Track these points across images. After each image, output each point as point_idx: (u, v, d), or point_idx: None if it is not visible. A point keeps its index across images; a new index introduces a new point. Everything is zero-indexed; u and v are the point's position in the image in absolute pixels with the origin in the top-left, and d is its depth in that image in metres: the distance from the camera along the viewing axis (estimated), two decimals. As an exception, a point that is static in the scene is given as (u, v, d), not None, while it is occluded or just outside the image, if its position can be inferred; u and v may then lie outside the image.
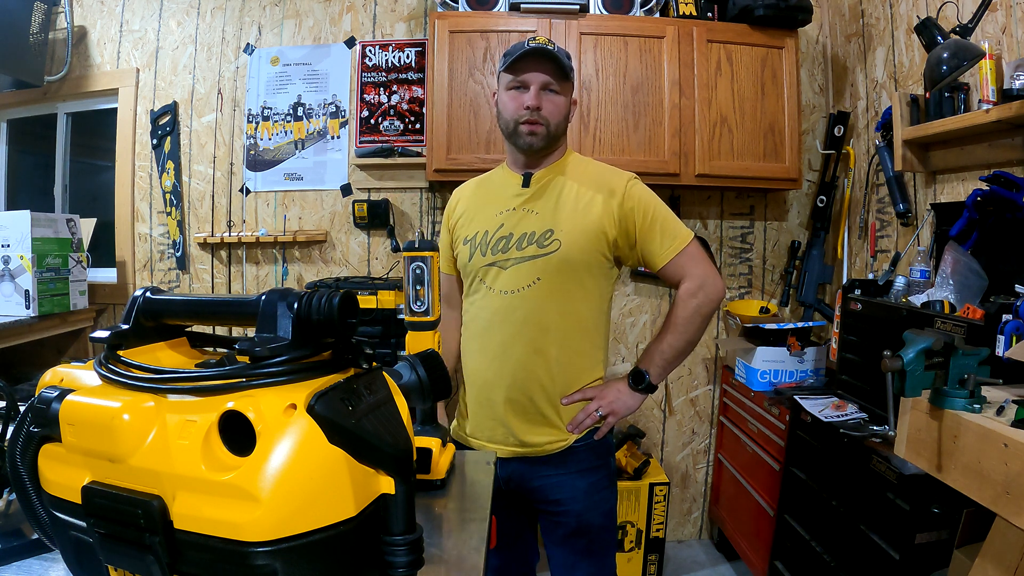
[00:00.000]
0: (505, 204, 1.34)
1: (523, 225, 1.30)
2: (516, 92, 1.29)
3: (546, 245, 1.27)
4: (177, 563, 0.47)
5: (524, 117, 1.28)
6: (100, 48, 2.63)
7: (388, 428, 0.53)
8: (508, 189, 1.36)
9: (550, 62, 1.27)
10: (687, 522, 2.71)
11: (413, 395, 0.77)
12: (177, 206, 2.60)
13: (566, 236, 1.26)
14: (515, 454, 1.31)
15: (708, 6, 2.34)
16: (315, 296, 0.52)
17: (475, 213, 1.38)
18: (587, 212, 1.28)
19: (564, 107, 1.31)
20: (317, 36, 2.56)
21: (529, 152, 1.32)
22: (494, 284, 1.30)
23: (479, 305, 1.34)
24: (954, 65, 1.45)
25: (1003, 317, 1.29)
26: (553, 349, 1.28)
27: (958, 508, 1.21)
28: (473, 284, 1.36)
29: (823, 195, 2.48)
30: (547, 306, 1.27)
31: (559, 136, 1.33)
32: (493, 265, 1.30)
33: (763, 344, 2.21)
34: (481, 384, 1.33)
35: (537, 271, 1.27)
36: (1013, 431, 0.89)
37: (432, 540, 0.74)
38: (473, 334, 1.36)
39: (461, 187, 1.48)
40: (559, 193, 1.31)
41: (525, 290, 1.28)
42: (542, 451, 1.31)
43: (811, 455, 1.82)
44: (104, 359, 0.55)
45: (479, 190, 1.43)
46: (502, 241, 1.30)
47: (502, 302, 1.29)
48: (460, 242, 1.37)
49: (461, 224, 1.40)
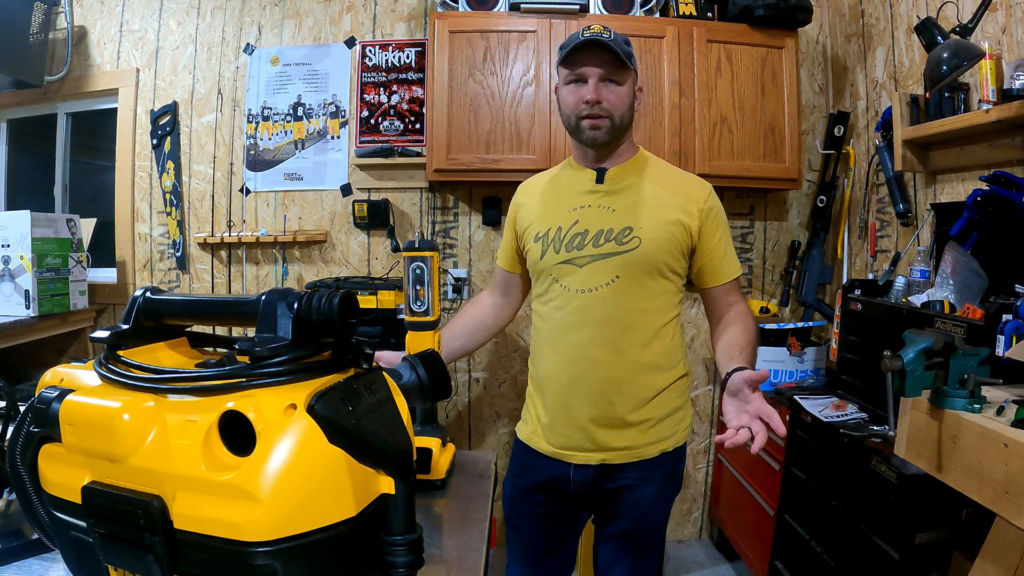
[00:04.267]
0: (579, 200, 1.28)
1: (600, 222, 1.24)
2: (575, 86, 1.25)
3: (625, 242, 1.22)
4: (177, 563, 0.47)
5: (584, 112, 1.23)
6: (100, 48, 2.63)
7: (388, 428, 0.53)
8: (580, 185, 1.30)
9: (606, 52, 1.20)
10: (687, 522, 2.71)
11: (413, 395, 0.77)
12: (177, 206, 2.60)
13: (646, 234, 1.22)
14: (593, 460, 1.25)
15: (708, 6, 2.34)
16: (315, 296, 0.52)
17: (545, 209, 1.32)
18: (666, 212, 1.24)
19: (627, 97, 1.25)
20: (317, 36, 2.56)
21: (595, 146, 1.27)
22: (569, 282, 1.24)
23: (553, 305, 1.27)
24: (954, 65, 1.44)
25: (1003, 317, 1.29)
26: (633, 350, 1.23)
27: (958, 508, 1.21)
28: (545, 283, 1.29)
29: (823, 195, 2.48)
30: (626, 305, 1.22)
31: (625, 128, 1.28)
32: (568, 263, 1.24)
33: (763, 344, 2.21)
34: (556, 388, 1.26)
35: (616, 269, 1.22)
36: (1013, 431, 0.89)
37: (432, 540, 0.74)
38: (546, 336, 1.29)
39: (526, 183, 1.42)
40: (637, 191, 1.27)
41: (603, 288, 1.22)
42: (622, 458, 1.25)
43: (811, 455, 1.82)
44: (104, 359, 0.55)
45: (547, 185, 1.36)
46: (577, 238, 1.24)
47: (579, 301, 1.23)
48: (530, 239, 1.31)
49: (529, 220, 1.33)
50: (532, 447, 1.32)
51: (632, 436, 1.24)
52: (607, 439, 1.24)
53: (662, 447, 1.27)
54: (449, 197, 2.55)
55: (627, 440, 1.24)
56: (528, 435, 1.34)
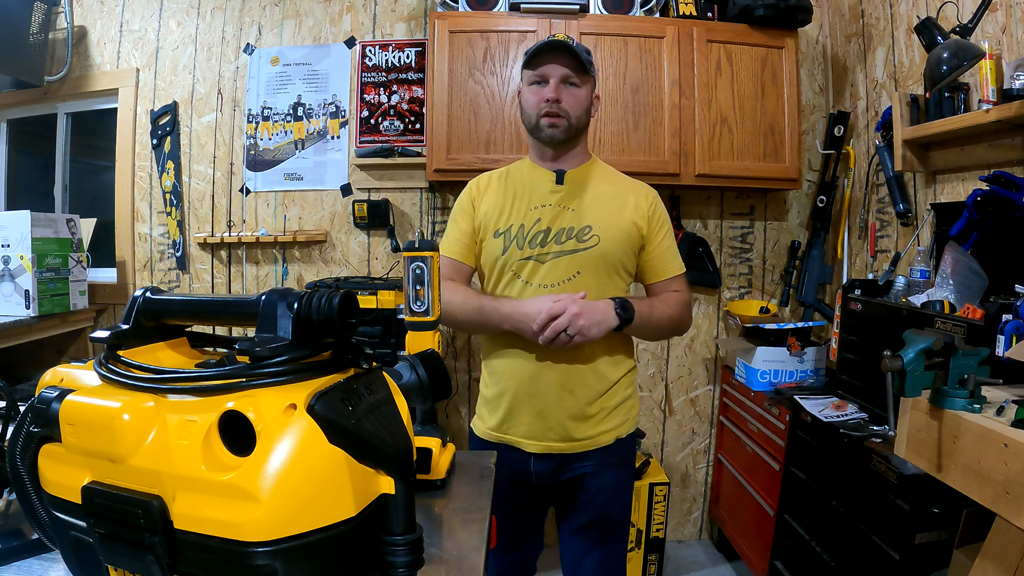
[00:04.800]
0: (540, 199, 1.35)
1: (560, 221, 1.32)
2: (537, 87, 1.32)
3: (585, 240, 1.30)
4: (177, 563, 0.47)
5: (544, 110, 1.30)
6: (100, 48, 2.63)
7: (388, 428, 0.53)
8: (541, 185, 1.36)
9: (568, 56, 1.29)
10: (687, 522, 2.71)
11: (413, 395, 0.77)
12: (177, 206, 2.60)
13: (603, 232, 1.31)
14: (553, 450, 1.33)
15: (708, 6, 2.34)
16: (315, 296, 0.52)
17: (506, 206, 1.36)
18: (621, 212, 1.34)
19: (585, 100, 1.33)
20: (317, 36, 2.56)
21: (552, 144, 1.34)
22: (532, 278, 1.32)
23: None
24: (954, 65, 1.45)
25: (1003, 317, 1.29)
26: (591, 343, 1.28)
27: (958, 508, 1.21)
28: (505, 278, 1.34)
29: (823, 195, 2.48)
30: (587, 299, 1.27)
31: (581, 130, 1.36)
32: (531, 259, 1.31)
33: (763, 344, 2.21)
34: (521, 381, 1.32)
35: (577, 265, 1.30)
36: (1013, 431, 0.89)
37: (432, 540, 0.74)
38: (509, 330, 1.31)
39: (480, 178, 1.44)
40: (594, 192, 1.35)
41: (565, 283, 1.30)
42: (582, 447, 1.33)
43: (811, 455, 1.82)
44: (104, 359, 0.55)
45: (506, 184, 1.40)
46: (540, 235, 1.31)
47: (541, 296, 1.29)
48: (489, 234, 1.35)
49: (490, 216, 1.36)
50: (490, 440, 1.37)
51: (590, 426, 1.33)
52: (567, 429, 1.31)
53: (616, 434, 1.36)
54: (449, 197, 2.55)
55: (585, 430, 1.32)
56: (485, 430, 1.40)
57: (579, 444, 1.33)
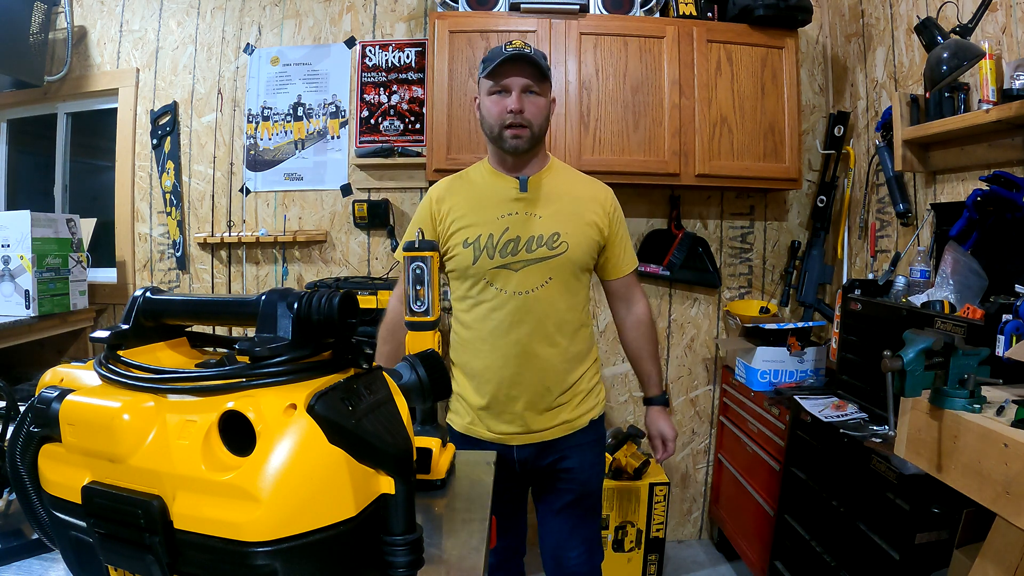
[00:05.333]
0: (505, 208, 1.38)
1: (529, 228, 1.36)
2: (498, 97, 1.34)
3: (555, 247, 1.35)
4: (177, 563, 0.47)
5: (508, 121, 1.33)
6: (100, 48, 2.63)
7: (388, 428, 0.53)
8: (504, 192, 1.39)
9: (529, 65, 1.32)
10: (687, 522, 2.71)
11: (413, 395, 0.77)
12: (177, 206, 2.60)
13: (572, 238, 1.36)
14: (532, 440, 1.41)
15: (708, 6, 2.34)
16: (315, 296, 0.52)
17: (472, 215, 1.38)
18: (584, 215, 1.40)
19: (545, 108, 1.37)
20: (317, 36, 2.56)
21: (515, 154, 1.38)
22: (505, 286, 1.36)
23: (488, 306, 1.37)
24: (954, 65, 1.44)
25: (1003, 317, 1.28)
26: (563, 339, 1.39)
27: (958, 508, 1.21)
28: (477, 286, 1.38)
29: (823, 195, 2.48)
30: (558, 302, 1.37)
31: (542, 137, 1.40)
32: (504, 267, 1.35)
33: (763, 344, 2.21)
34: (498, 382, 1.38)
35: (549, 271, 1.35)
36: (1013, 431, 0.89)
37: (432, 540, 0.74)
38: (481, 334, 1.39)
39: (438, 185, 1.46)
40: (558, 197, 1.40)
41: (538, 290, 1.35)
42: (560, 432, 1.42)
43: (811, 455, 1.81)
44: (104, 359, 0.55)
45: (468, 190, 1.42)
46: (510, 244, 1.35)
47: (516, 302, 1.35)
48: (458, 244, 1.37)
49: (456, 225, 1.38)
50: (472, 436, 1.43)
51: (565, 413, 1.41)
52: (545, 421, 1.40)
53: (590, 416, 1.46)
54: (449, 197, 2.55)
55: (561, 417, 1.41)
56: (466, 426, 1.45)
57: (555, 430, 1.41)
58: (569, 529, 1.48)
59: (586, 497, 1.48)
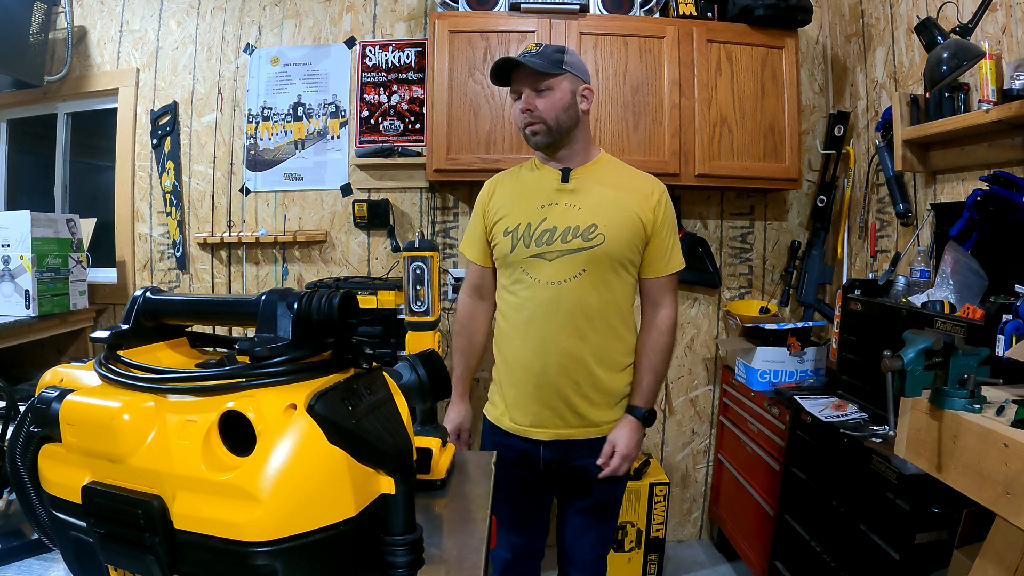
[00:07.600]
0: (546, 198, 1.39)
1: (567, 219, 1.36)
2: (515, 100, 1.39)
3: (591, 239, 1.34)
4: (177, 563, 0.47)
5: (524, 120, 1.37)
6: (100, 48, 2.63)
7: (388, 428, 0.53)
8: (547, 183, 1.41)
9: (523, 67, 1.34)
10: (687, 522, 2.71)
11: (413, 395, 0.77)
12: (177, 206, 2.60)
13: (609, 231, 1.34)
14: (559, 436, 1.40)
15: (708, 6, 2.34)
16: (315, 296, 0.52)
17: (514, 205, 1.41)
18: (627, 209, 1.37)
19: (561, 100, 1.35)
20: (317, 36, 2.56)
21: (540, 148, 1.40)
22: (539, 275, 1.36)
23: (523, 296, 1.38)
24: (954, 65, 1.44)
25: (1003, 317, 1.28)
26: (595, 336, 1.36)
27: (958, 508, 1.21)
28: (515, 275, 1.40)
29: (823, 195, 2.48)
30: (591, 296, 1.35)
31: (566, 129, 1.37)
32: (538, 257, 1.36)
33: (763, 344, 2.21)
34: (526, 372, 1.39)
35: (583, 263, 1.34)
36: (1013, 431, 0.89)
37: (432, 540, 0.74)
38: (515, 324, 1.40)
39: (493, 179, 1.52)
40: (600, 190, 1.39)
41: (571, 281, 1.34)
42: (584, 435, 1.40)
43: (811, 455, 1.81)
44: (104, 359, 0.55)
45: (515, 183, 1.47)
46: (546, 234, 1.35)
47: (548, 292, 1.35)
48: (499, 234, 1.41)
49: (499, 215, 1.43)
50: (502, 428, 1.45)
51: (595, 415, 1.39)
52: (572, 421, 1.39)
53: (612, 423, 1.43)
54: (449, 197, 2.55)
55: (591, 419, 1.39)
56: (497, 416, 1.47)
57: (579, 432, 1.40)
58: (584, 529, 1.49)
59: (606, 502, 1.48)
